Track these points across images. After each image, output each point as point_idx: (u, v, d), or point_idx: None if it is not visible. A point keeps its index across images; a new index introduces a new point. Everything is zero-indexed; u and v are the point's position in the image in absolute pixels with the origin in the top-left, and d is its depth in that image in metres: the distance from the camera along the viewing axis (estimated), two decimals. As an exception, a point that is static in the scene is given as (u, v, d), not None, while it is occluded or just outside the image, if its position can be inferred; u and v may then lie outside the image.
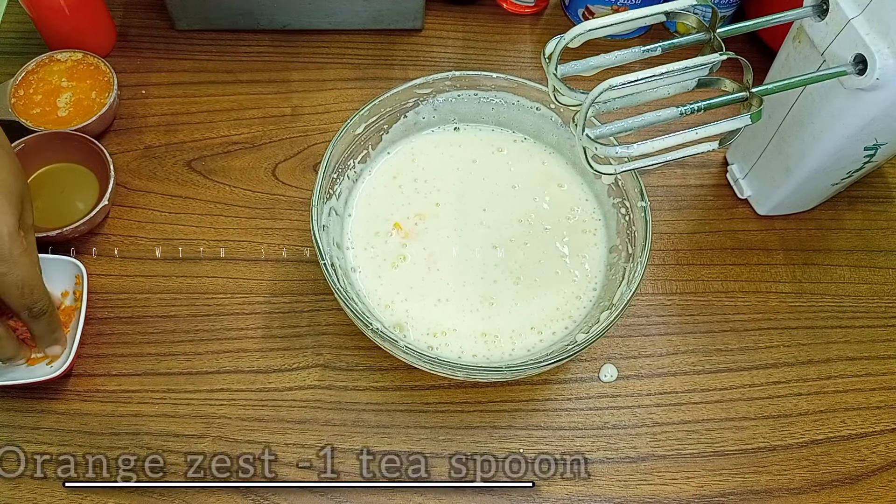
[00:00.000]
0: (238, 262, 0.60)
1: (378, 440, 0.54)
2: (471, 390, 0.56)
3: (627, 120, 0.42)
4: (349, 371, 0.56)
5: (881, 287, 0.62)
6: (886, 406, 0.57)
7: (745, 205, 0.65)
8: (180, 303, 0.58)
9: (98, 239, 0.61)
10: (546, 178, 0.59)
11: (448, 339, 0.52)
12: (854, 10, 0.47)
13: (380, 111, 0.56)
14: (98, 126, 0.62)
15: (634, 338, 0.59)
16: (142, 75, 0.69)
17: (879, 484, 0.54)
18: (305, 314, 0.58)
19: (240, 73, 0.69)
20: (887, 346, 0.60)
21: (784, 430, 0.56)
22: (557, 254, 0.56)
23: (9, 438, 0.53)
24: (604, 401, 0.56)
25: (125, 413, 0.54)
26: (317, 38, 0.71)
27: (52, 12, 0.64)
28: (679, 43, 0.44)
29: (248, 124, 0.67)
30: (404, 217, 0.56)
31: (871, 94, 0.48)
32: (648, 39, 0.74)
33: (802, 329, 0.60)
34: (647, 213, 0.52)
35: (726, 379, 0.57)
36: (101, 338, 0.57)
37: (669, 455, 0.54)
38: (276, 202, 0.63)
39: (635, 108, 0.44)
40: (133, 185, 0.63)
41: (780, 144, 0.58)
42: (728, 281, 0.61)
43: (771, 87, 0.44)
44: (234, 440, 0.53)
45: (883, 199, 0.66)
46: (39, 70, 0.64)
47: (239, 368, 0.56)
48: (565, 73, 0.42)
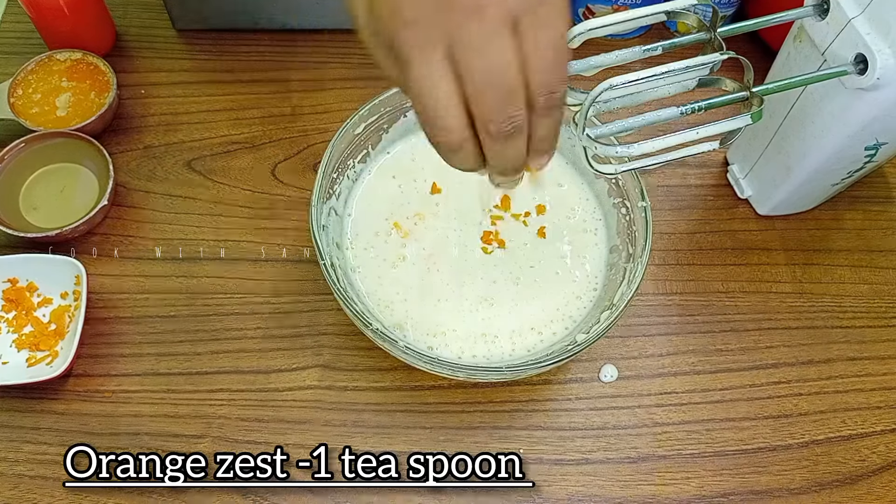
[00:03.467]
0: (238, 262, 0.60)
1: (378, 440, 0.54)
2: (471, 390, 0.56)
3: (628, 120, 0.42)
4: (349, 371, 0.56)
5: (881, 287, 0.62)
6: (886, 406, 0.57)
7: (746, 205, 0.65)
8: (180, 303, 0.58)
9: (98, 239, 0.60)
10: (546, 178, 0.58)
11: (448, 340, 0.52)
12: (855, 10, 0.47)
13: (379, 111, 0.56)
14: (97, 126, 0.62)
15: (635, 338, 0.58)
16: (141, 75, 0.69)
17: (880, 484, 0.54)
18: (305, 314, 0.58)
19: (239, 72, 0.69)
20: (888, 346, 0.59)
21: (784, 431, 0.56)
22: (557, 254, 0.56)
23: (9, 438, 0.53)
24: (604, 401, 0.56)
25: (125, 413, 0.54)
26: (316, 37, 0.71)
27: (51, 12, 0.64)
28: (679, 42, 0.44)
29: (247, 124, 0.66)
30: (404, 217, 0.56)
31: (871, 93, 0.48)
32: (649, 39, 0.74)
33: (803, 329, 0.60)
34: (647, 213, 0.51)
35: (727, 379, 0.57)
36: (100, 338, 0.56)
37: (670, 455, 0.54)
38: (276, 202, 0.63)
39: (636, 108, 0.43)
40: (133, 184, 0.63)
41: (781, 144, 0.58)
42: (728, 281, 0.61)
43: (771, 86, 0.44)
44: (234, 440, 0.53)
45: (883, 199, 0.66)
46: (39, 70, 0.64)
47: (239, 368, 0.56)
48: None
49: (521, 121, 0.33)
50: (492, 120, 0.32)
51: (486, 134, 0.33)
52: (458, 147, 0.34)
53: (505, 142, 0.34)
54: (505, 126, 0.33)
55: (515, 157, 0.35)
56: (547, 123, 0.34)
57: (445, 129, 0.33)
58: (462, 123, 0.33)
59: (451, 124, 0.33)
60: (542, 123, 0.34)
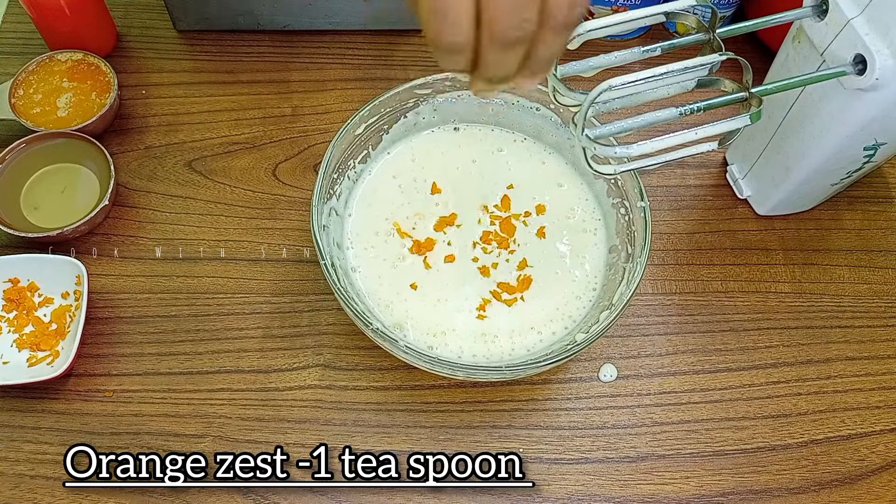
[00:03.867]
0: (238, 262, 0.60)
1: (378, 440, 0.54)
2: (471, 390, 0.56)
3: (627, 120, 0.42)
4: (349, 371, 0.56)
5: (881, 287, 0.62)
6: (886, 406, 0.57)
7: (745, 205, 0.65)
8: (180, 303, 0.58)
9: (98, 239, 0.61)
10: (546, 177, 0.59)
11: (448, 339, 0.52)
12: (854, 11, 0.47)
13: (380, 111, 0.56)
14: (98, 126, 0.62)
15: (634, 338, 0.59)
16: (142, 75, 0.69)
17: (879, 484, 0.54)
18: (306, 314, 0.58)
19: (240, 73, 0.69)
20: (886, 345, 0.60)
21: (783, 430, 0.56)
22: (557, 254, 0.56)
23: (9, 438, 0.53)
24: (603, 400, 0.56)
25: (125, 413, 0.54)
26: (317, 38, 0.71)
27: (52, 13, 0.64)
28: (679, 43, 0.44)
29: (248, 124, 0.67)
30: (404, 217, 0.56)
31: (870, 94, 0.48)
32: (648, 40, 0.74)
33: (802, 329, 0.60)
34: (646, 213, 0.52)
35: (726, 379, 0.57)
36: (101, 338, 0.57)
37: (669, 455, 0.54)
38: (277, 202, 0.63)
39: (635, 109, 0.44)
40: (133, 185, 0.63)
41: (780, 144, 0.58)
42: (727, 281, 0.61)
43: (770, 87, 0.44)
44: (235, 440, 0.53)
45: (882, 199, 0.66)
46: (40, 70, 0.64)
47: (239, 368, 0.56)
48: (565, 73, 0.42)
49: (528, 30, 0.32)
50: (500, 21, 0.31)
51: (490, 35, 0.31)
52: (462, 47, 0.32)
53: (504, 49, 0.32)
54: (511, 31, 0.31)
55: (509, 67, 0.34)
56: (552, 43, 0.33)
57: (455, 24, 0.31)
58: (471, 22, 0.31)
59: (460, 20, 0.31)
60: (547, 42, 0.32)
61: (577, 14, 0.32)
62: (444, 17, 0.31)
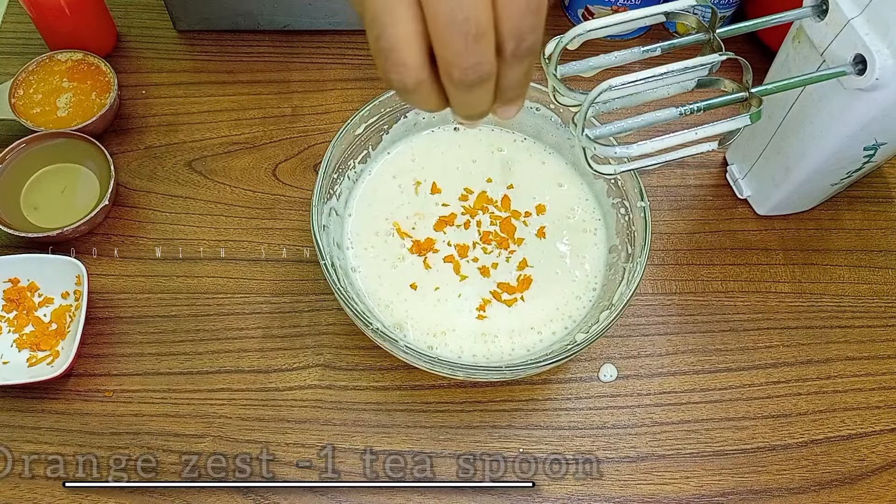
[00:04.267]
0: (238, 262, 0.60)
1: (378, 440, 0.54)
2: (471, 390, 0.56)
3: (627, 120, 0.42)
4: (349, 371, 0.56)
5: (880, 287, 0.62)
6: (886, 406, 0.57)
7: (745, 205, 0.65)
8: (180, 303, 0.58)
9: (98, 239, 0.61)
10: (546, 177, 0.59)
11: (448, 339, 0.52)
12: (854, 11, 0.47)
13: (380, 111, 0.56)
14: (98, 126, 0.62)
15: (634, 338, 0.59)
16: (142, 75, 0.69)
17: (879, 484, 0.54)
18: (305, 314, 0.58)
19: (240, 73, 0.69)
20: (886, 345, 0.60)
21: (783, 430, 0.56)
22: (557, 254, 0.56)
23: (9, 438, 0.53)
24: (603, 400, 0.56)
25: (125, 413, 0.54)
26: (317, 38, 0.71)
27: (52, 13, 0.64)
28: (679, 43, 0.44)
29: (248, 124, 0.67)
30: (404, 217, 0.56)
31: (870, 94, 0.48)
32: (648, 40, 0.74)
33: (802, 329, 0.60)
34: (646, 213, 0.52)
35: (726, 379, 0.57)
36: (101, 338, 0.57)
37: (669, 455, 0.54)
38: (277, 202, 0.63)
39: (635, 109, 0.44)
40: (133, 185, 0.63)
41: (780, 144, 0.58)
42: (727, 281, 0.61)
43: (770, 87, 0.44)
44: (235, 440, 0.53)
45: (882, 199, 0.66)
46: (40, 70, 0.64)
47: (239, 368, 0.56)
48: (565, 73, 0.42)
49: (487, 69, 0.30)
50: (455, 65, 0.29)
51: (449, 79, 0.30)
52: (414, 88, 0.30)
53: (469, 90, 0.30)
54: (470, 73, 0.29)
55: (480, 105, 0.32)
56: (516, 71, 0.31)
57: (400, 64, 0.29)
58: (420, 61, 0.29)
59: (407, 60, 0.29)
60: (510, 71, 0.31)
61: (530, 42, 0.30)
62: (388, 55, 0.29)
